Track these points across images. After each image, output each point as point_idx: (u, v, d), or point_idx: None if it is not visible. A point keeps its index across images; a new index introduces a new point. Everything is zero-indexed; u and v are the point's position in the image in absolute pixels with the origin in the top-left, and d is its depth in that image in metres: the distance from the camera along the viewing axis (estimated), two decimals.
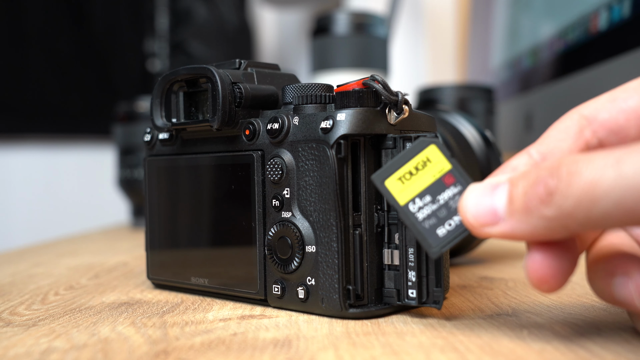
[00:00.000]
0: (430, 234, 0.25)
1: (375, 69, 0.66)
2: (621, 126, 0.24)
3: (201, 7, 1.10)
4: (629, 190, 0.19)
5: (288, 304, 0.31)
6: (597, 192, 0.20)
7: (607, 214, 0.20)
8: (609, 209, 0.20)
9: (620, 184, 0.19)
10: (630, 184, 0.19)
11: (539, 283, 0.23)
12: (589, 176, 0.20)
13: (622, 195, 0.19)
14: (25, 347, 0.25)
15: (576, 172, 0.20)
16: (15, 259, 0.56)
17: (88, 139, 1.33)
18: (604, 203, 0.20)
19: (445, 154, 0.26)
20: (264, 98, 0.33)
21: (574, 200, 0.20)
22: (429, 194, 0.25)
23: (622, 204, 0.20)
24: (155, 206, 0.37)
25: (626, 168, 0.19)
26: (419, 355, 0.23)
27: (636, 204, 0.19)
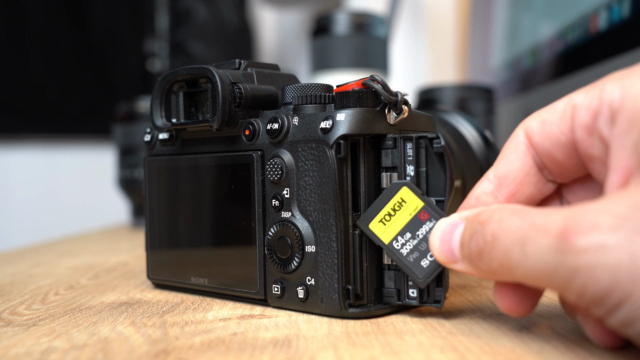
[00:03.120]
0: (416, 267, 0.27)
1: (375, 69, 0.66)
2: (549, 151, 0.25)
3: (201, 7, 1.10)
4: (533, 270, 0.21)
5: (288, 304, 0.31)
6: (511, 263, 0.21)
7: (525, 280, 0.22)
8: (523, 277, 0.21)
9: (525, 264, 0.21)
10: (532, 265, 0.21)
11: (508, 311, 0.25)
12: (504, 246, 0.22)
13: (528, 272, 0.21)
14: (25, 347, 0.26)
15: (498, 237, 0.22)
16: (15, 259, 0.56)
17: (88, 139, 1.33)
18: (518, 273, 0.21)
19: (417, 193, 0.28)
20: (264, 98, 0.33)
21: (497, 263, 0.22)
22: (409, 231, 0.28)
23: (531, 277, 0.21)
24: (155, 206, 0.37)
25: (529, 250, 0.21)
26: (418, 355, 0.23)
27: (542, 282, 0.21)
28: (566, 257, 0.19)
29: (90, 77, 1.33)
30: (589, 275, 0.19)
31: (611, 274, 0.18)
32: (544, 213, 0.21)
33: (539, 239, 0.20)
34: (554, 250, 0.20)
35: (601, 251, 0.19)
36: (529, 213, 0.21)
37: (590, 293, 0.19)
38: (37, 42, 1.28)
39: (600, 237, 0.19)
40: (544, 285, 0.21)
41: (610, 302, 0.19)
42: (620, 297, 0.19)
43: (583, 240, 0.19)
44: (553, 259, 0.20)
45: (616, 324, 0.19)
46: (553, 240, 0.20)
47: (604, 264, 0.18)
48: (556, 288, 0.21)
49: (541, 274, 0.20)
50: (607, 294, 0.19)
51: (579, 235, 0.19)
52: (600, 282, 0.19)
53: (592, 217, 0.19)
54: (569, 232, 0.19)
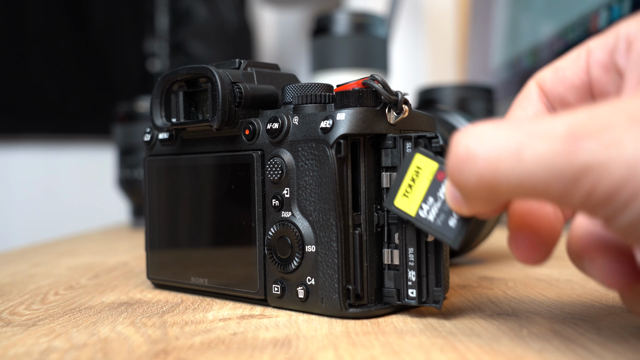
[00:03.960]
0: (445, 229, 0.27)
1: (375, 69, 0.66)
2: (562, 96, 0.25)
3: (201, 7, 1.10)
4: (529, 178, 0.20)
5: (288, 304, 0.31)
6: (498, 175, 0.20)
7: (512, 192, 0.21)
8: (513, 189, 0.20)
9: (518, 173, 0.20)
10: (529, 172, 0.20)
11: (524, 259, 0.24)
12: (486, 158, 0.20)
13: (521, 182, 0.20)
14: (25, 347, 0.25)
15: (475, 151, 0.21)
16: (15, 259, 0.56)
17: (88, 139, 1.33)
18: (505, 186, 0.20)
19: (430, 156, 0.27)
20: (264, 98, 0.33)
21: (474, 180, 0.21)
22: (431, 196, 0.27)
23: (524, 187, 0.20)
24: (155, 206, 0.37)
25: (527, 157, 0.20)
26: (418, 355, 0.23)
27: (538, 190, 0.20)
28: (575, 157, 0.19)
29: (90, 77, 1.33)
30: (602, 171, 0.18)
31: (627, 168, 0.18)
32: (542, 121, 0.20)
33: (540, 144, 0.19)
34: (560, 153, 0.19)
35: (616, 147, 0.18)
36: (522, 124, 0.21)
37: (600, 192, 0.19)
38: (37, 42, 1.28)
39: (614, 134, 0.18)
40: (537, 195, 0.20)
41: (621, 199, 0.18)
42: (632, 193, 0.18)
43: (597, 138, 0.18)
44: (558, 163, 0.19)
45: (625, 223, 0.19)
46: (559, 143, 0.19)
47: (619, 159, 0.18)
48: (555, 194, 0.20)
49: (539, 183, 0.20)
50: (619, 190, 0.18)
51: (589, 136, 0.19)
52: (614, 178, 0.18)
53: (603, 118, 0.19)
54: (576, 135, 0.19)
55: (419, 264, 0.28)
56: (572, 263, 0.24)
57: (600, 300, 0.32)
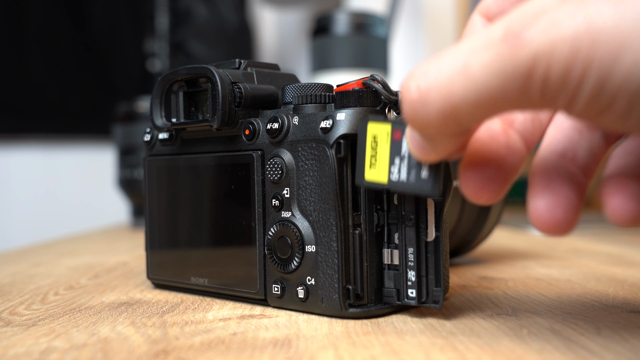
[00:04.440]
0: (420, 182, 0.26)
1: (375, 69, 0.66)
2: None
3: (201, 7, 1.10)
4: (484, 90, 0.19)
5: (288, 304, 0.31)
6: (454, 99, 0.20)
7: (474, 113, 0.20)
8: (473, 109, 0.20)
9: (472, 90, 0.19)
10: (482, 84, 0.19)
11: (475, 197, 0.23)
12: (439, 88, 0.20)
13: (478, 97, 0.19)
14: (25, 347, 0.25)
15: (427, 87, 0.20)
16: (15, 259, 0.56)
17: (88, 139, 1.33)
18: (465, 108, 0.20)
19: (381, 120, 0.27)
20: (264, 98, 0.33)
21: (436, 115, 0.20)
22: (396, 156, 0.26)
23: (483, 102, 0.19)
24: (155, 206, 0.37)
25: (474, 71, 0.19)
26: (418, 355, 0.23)
27: (497, 100, 0.19)
28: (520, 52, 0.18)
29: (90, 77, 1.33)
30: (549, 55, 0.18)
31: (571, 43, 0.18)
32: (478, 36, 0.20)
33: (483, 56, 0.19)
34: (504, 56, 0.19)
35: (555, 27, 0.18)
36: (459, 46, 0.20)
37: (553, 77, 0.18)
38: (37, 42, 1.28)
39: (549, 16, 0.18)
40: (497, 107, 0.20)
41: (574, 78, 0.18)
42: (584, 65, 0.18)
43: (533, 28, 0.18)
44: (506, 65, 0.19)
45: (584, 103, 0.19)
46: (500, 47, 0.19)
47: (561, 37, 0.18)
48: (514, 98, 0.19)
49: (495, 91, 0.19)
50: (569, 69, 0.18)
51: (527, 26, 0.18)
52: (561, 58, 0.18)
53: (535, 6, 0.19)
54: (516, 30, 0.19)
55: (419, 264, 0.28)
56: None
57: (600, 300, 0.32)
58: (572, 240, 0.61)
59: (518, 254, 0.50)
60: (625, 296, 0.33)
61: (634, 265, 0.44)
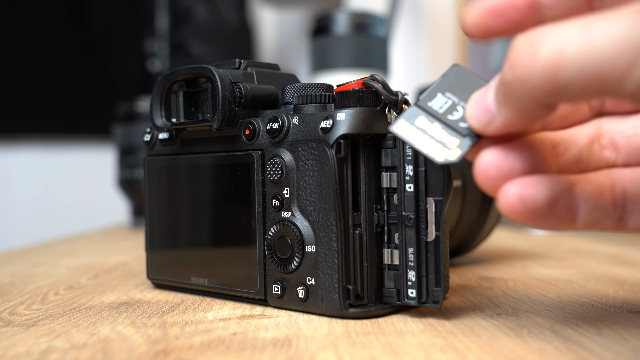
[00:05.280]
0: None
1: (375, 69, 0.66)
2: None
3: (201, 7, 1.10)
4: (595, 59, 0.19)
5: (288, 304, 0.31)
6: (561, 61, 0.19)
7: (568, 86, 0.19)
8: (577, 78, 0.19)
9: (585, 54, 0.19)
10: (596, 48, 0.19)
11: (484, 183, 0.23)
12: (552, 45, 0.19)
13: (586, 64, 0.19)
14: (25, 347, 0.25)
15: (539, 42, 0.20)
16: (15, 259, 0.56)
17: (88, 139, 1.33)
18: (572, 73, 0.19)
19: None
20: (264, 98, 0.33)
21: (538, 73, 0.20)
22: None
23: (592, 61, 0.19)
24: (155, 206, 0.37)
25: (595, 34, 0.19)
26: (418, 355, 0.23)
27: (600, 74, 0.19)
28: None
29: (90, 77, 1.33)
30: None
31: None
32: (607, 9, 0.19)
33: (608, 21, 0.18)
34: (629, 24, 0.18)
35: None
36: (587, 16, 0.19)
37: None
38: (37, 42, 1.28)
39: None
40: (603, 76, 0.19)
41: None
42: None
43: None
44: (628, 32, 0.18)
45: None
46: (629, 16, 0.18)
47: None
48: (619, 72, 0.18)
49: (608, 55, 0.18)
50: None
51: None
52: None
53: None
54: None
55: (419, 264, 0.28)
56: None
57: (600, 300, 0.32)
58: (572, 240, 0.61)
59: (518, 254, 0.50)
60: (625, 296, 0.33)
61: (634, 265, 0.44)
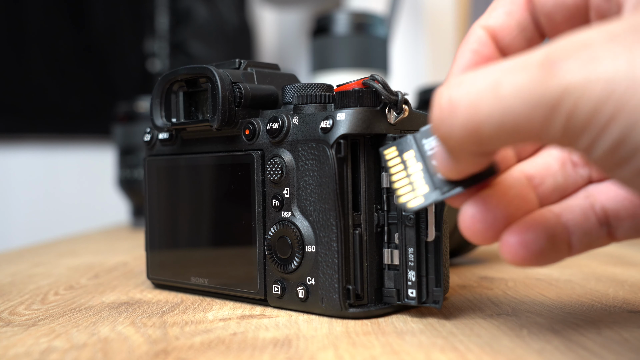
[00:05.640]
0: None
1: (375, 69, 0.66)
2: (550, 12, 0.23)
3: (201, 7, 1.10)
4: (509, 113, 0.19)
5: (288, 304, 0.31)
6: (479, 117, 0.19)
7: (497, 133, 0.19)
8: (496, 129, 0.19)
9: (498, 109, 0.19)
10: (508, 106, 0.19)
11: (476, 238, 0.23)
12: (467, 103, 0.20)
13: (503, 119, 0.19)
14: (25, 347, 0.25)
15: (457, 99, 0.20)
16: (15, 259, 0.56)
17: (88, 139, 1.33)
18: (488, 127, 0.19)
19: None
20: (264, 98, 0.33)
21: (459, 129, 0.20)
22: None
23: (506, 124, 0.19)
24: (155, 206, 0.37)
25: (504, 91, 0.19)
26: (418, 355, 0.23)
27: (520, 125, 0.19)
28: (552, 81, 0.18)
29: (90, 77, 1.33)
30: (580, 91, 0.17)
31: (605, 83, 0.17)
32: (519, 57, 0.19)
33: (515, 76, 0.19)
34: (536, 81, 0.18)
35: (594, 63, 0.17)
36: (499, 63, 0.20)
37: (579, 114, 0.17)
38: (37, 42, 1.28)
39: (592, 52, 0.17)
40: (518, 137, 0.19)
41: (601, 120, 0.17)
42: (613, 110, 0.17)
43: (573, 59, 0.18)
44: (535, 91, 0.18)
45: (604, 149, 0.18)
46: (535, 70, 0.18)
47: (597, 76, 0.17)
48: (536, 127, 0.19)
49: (519, 117, 0.18)
50: (598, 110, 0.17)
51: (566, 57, 0.18)
52: (592, 96, 0.17)
53: (582, 39, 0.18)
54: (555, 57, 0.18)
55: (419, 264, 0.28)
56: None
57: (600, 300, 0.32)
58: None
59: None
60: (625, 296, 0.33)
61: (634, 265, 0.44)
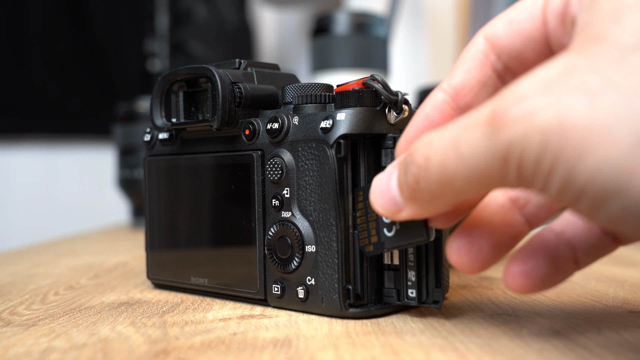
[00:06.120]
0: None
1: (375, 69, 0.66)
2: (519, 51, 0.23)
3: (201, 7, 1.10)
4: (471, 171, 0.20)
5: (288, 304, 0.31)
6: (449, 175, 0.20)
7: (467, 189, 0.20)
8: (465, 186, 0.20)
9: (462, 168, 0.20)
10: (469, 165, 0.20)
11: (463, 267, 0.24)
12: (438, 161, 0.21)
13: (468, 177, 0.20)
14: (25, 347, 0.25)
15: (429, 157, 0.21)
16: (15, 259, 0.56)
17: (88, 139, 1.33)
18: (459, 183, 0.20)
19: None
20: (264, 98, 0.33)
21: (436, 182, 0.21)
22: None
23: (472, 182, 0.20)
24: (155, 206, 0.37)
25: (463, 149, 0.20)
26: (418, 355, 0.23)
27: (484, 181, 0.20)
28: (499, 138, 0.19)
29: (90, 77, 1.33)
30: (522, 145, 0.18)
31: (541, 136, 0.18)
32: (474, 110, 0.20)
33: (470, 134, 0.19)
34: (486, 137, 0.19)
35: (531, 116, 0.18)
36: (458, 120, 0.20)
37: (526, 165, 0.18)
38: (37, 42, 1.28)
39: (528, 103, 0.18)
40: (486, 187, 0.20)
41: (545, 167, 0.18)
42: (552, 159, 0.18)
43: (512, 113, 0.18)
44: (487, 147, 0.19)
45: (556, 189, 0.18)
46: (484, 128, 0.19)
47: (533, 128, 0.18)
48: (497, 181, 0.20)
49: (480, 171, 0.19)
50: (540, 159, 0.18)
51: (508, 111, 0.18)
52: (532, 149, 0.18)
53: (519, 90, 0.19)
54: (498, 113, 0.19)
55: (419, 264, 0.28)
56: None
57: (600, 300, 0.32)
58: None
59: None
60: (625, 296, 0.33)
61: (634, 265, 0.44)
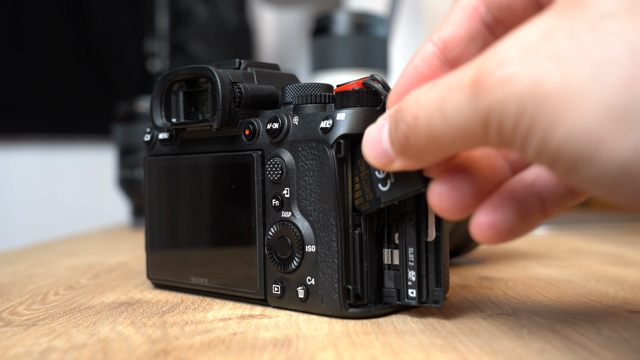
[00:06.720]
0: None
1: (375, 69, 0.66)
2: (508, 1, 0.24)
3: (201, 7, 1.10)
4: (456, 131, 0.20)
5: (288, 304, 0.31)
6: (436, 133, 0.21)
7: (453, 146, 0.21)
8: (451, 144, 0.21)
9: (447, 127, 0.20)
10: (454, 125, 0.20)
11: (446, 213, 0.24)
12: (425, 119, 0.21)
13: (453, 136, 0.20)
14: (25, 347, 0.25)
15: (417, 115, 0.21)
16: (15, 259, 0.56)
17: (88, 139, 1.33)
18: (445, 141, 0.21)
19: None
20: (264, 98, 0.33)
21: (424, 140, 0.22)
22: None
23: (457, 140, 0.21)
24: (155, 206, 0.37)
25: (448, 110, 0.20)
26: (418, 355, 0.23)
27: (467, 140, 0.20)
28: (480, 101, 0.19)
29: (90, 77, 1.33)
30: (501, 109, 0.19)
31: (518, 102, 0.18)
32: (458, 70, 0.20)
33: (454, 96, 0.20)
34: (469, 100, 0.19)
35: (509, 82, 0.18)
36: (444, 79, 0.21)
37: (506, 128, 0.19)
38: (37, 42, 1.28)
39: (508, 69, 0.19)
40: (471, 145, 0.21)
41: (521, 133, 0.19)
42: (528, 124, 0.18)
43: (493, 78, 0.19)
44: (469, 110, 0.19)
45: (533, 152, 0.19)
46: (467, 90, 0.19)
47: (510, 94, 0.18)
48: (480, 141, 0.20)
49: (464, 131, 0.20)
50: (517, 124, 0.19)
51: (489, 75, 0.19)
52: (511, 114, 0.18)
53: (501, 54, 0.19)
54: (480, 77, 0.19)
55: (419, 264, 0.28)
56: None
57: (600, 300, 0.32)
58: (572, 240, 0.61)
59: (518, 254, 0.50)
60: (625, 296, 0.33)
61: (634, 265, 0.44)
